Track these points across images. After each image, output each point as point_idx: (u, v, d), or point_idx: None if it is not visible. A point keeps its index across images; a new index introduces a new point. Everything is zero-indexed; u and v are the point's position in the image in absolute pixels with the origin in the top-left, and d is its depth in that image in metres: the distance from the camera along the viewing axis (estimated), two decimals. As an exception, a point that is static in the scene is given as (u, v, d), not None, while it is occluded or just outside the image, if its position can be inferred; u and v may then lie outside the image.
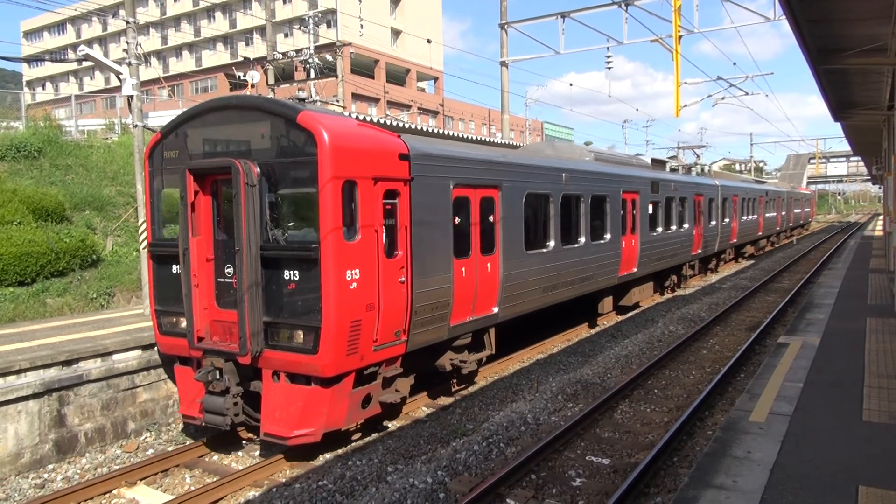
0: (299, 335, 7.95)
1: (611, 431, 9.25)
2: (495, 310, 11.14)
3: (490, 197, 10.98)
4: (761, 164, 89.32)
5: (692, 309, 18.81)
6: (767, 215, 37.07)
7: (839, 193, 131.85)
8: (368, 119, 10.92)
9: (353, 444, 9.13)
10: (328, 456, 8.70)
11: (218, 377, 8.49)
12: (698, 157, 29.85)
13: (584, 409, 9.77)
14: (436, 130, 13.19)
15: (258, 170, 8.14)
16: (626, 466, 8.00)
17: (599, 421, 9.59)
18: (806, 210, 59.85)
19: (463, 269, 10.20)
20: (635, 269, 17.20)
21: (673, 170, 25.41)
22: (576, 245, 14.02)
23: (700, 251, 23.45)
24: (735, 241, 29.39)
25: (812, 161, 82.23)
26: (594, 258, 14.73)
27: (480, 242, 10.69)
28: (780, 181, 67.99)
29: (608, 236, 15.45)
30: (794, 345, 10.81)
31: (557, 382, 11.41)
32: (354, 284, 7.96)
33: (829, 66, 13.97)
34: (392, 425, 9.83)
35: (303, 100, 9.51)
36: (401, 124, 13.38)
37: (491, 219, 11.05)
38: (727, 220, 27.37)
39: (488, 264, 10.92)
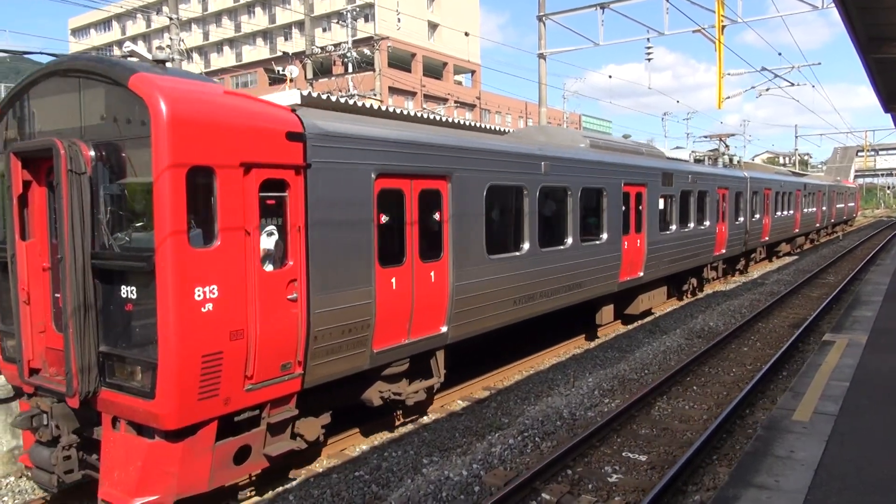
0: (137, 372, 6.12)
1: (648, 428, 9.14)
2: (443, 329, 9.09)
3: (435, 190, 8.87)
4: (806, 158, 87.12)
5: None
6: (806, 211, 34.18)
7: (888, 187, 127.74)
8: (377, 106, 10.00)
9: (389, 435, 9.20)
10: (364, 447, 8.79)
11: (44, 422, 6.71)
12: (727, 146, 26.88)
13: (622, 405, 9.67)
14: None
15: (91, 153, 6.21)
16: (664, 463, 7.90)
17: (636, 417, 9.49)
18: (850, 205, 56.07)
19: (393, 279, 8.17)
20: (641, 274, 15.00)
21: (698, 160, 23.67)
22: (560, 247, 11.90)
23: (724, 251, 21.02)
24: (767, 238, 26.65)
25: (860, 154, 79.89)
26: (586, 262, 12.59)
27: (420, 246, 8.59)
28: (825, 174, 65.99)
29: (605, 236, 13.29)
30: (840, 343, 10.52)
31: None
32: (209, 306, 6.00)
33: (879, 55, 13.53)
34: (427, 418, 9.87)
35: (162, 61, 6.81)
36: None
37: (437, 217, 8.97)
38: (757, 215, 24.68)
39: (432, 273, 8.82)
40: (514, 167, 10.51)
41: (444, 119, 11.93)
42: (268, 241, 6.67)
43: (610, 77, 69.05)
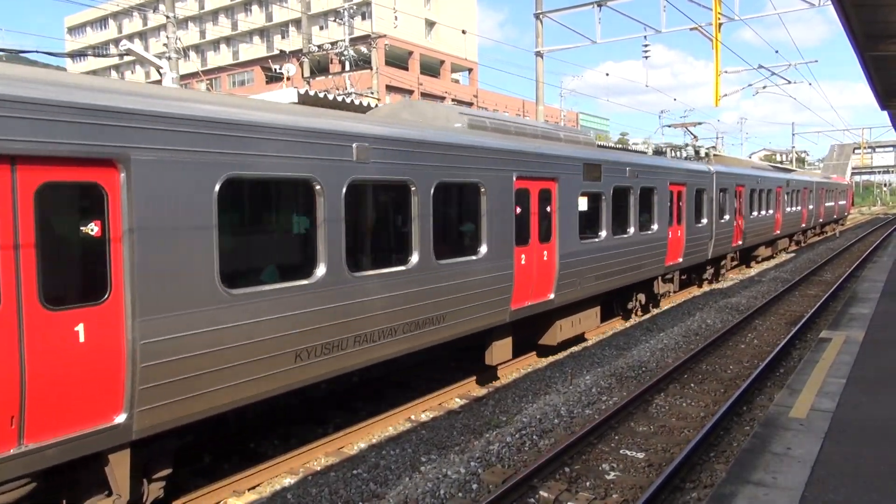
0: None
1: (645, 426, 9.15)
2: (120, 418, 5.61)
3: (93, 185, 5.46)
4: (803, 155, 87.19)
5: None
6: (789, 210, 30.91)
7: (885, 185, 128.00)
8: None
9: (387, 433, 9.19)
10: (362, 445, 8.79)
11: None
12: (694, 137, 22.87)
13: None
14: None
15: None
16: (662, 461, 7.91)
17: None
18: (841, 203, 51.75)
19: None
20: (551, 296, 11.61)
21: (658, 152, 20.70)
22: (398, 268, 8.35)
23: (681, 259, 17.81)
24: (740, 243, 23.29)
25: (857, 151, 80.00)
26: (450, 286, 9.13)
27: (36, 284, 5.13)
28: (823, 171, 66.02)
29: (483, 250, 9.85)
30: (836, 340, 10.55)
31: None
32: None
33: (876, 52, 13.58)
34: (425, 416, 9.87)
35: None
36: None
37: (95, 231, 5.49)
38: (727, 216, 21.35)
39: (82, 327, 5.38)
40: (276, 153, 6.78)
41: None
42: None
43: (607, 75, 69.10)
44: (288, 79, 29.53)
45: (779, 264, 28.24)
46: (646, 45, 26.85)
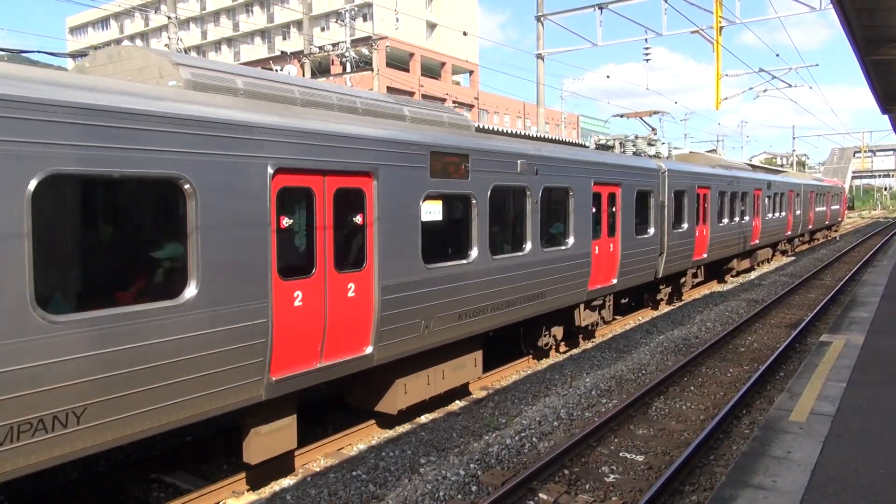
0: None
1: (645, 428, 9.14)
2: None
3: None
4: (804, 158, 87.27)
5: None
6: (771, 216, 27.35)
7: (885, 188, 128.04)
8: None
9: (387, 435, 9.19)
10: (362, 446, 8.78)
11: None
12: (653, 130, 19.55)
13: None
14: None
15: None
16: (661, 463, 7.90)
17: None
18: (834, 208, 46.57)
19: None
20: (368, 350, 7.96)
21: (602, 146, 17.31)
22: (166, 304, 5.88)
23: (615, 281, 14.03)
24: (704, 256, 19.60)
25: (857, 155, 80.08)
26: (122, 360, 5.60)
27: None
28: (823, 175, 65.94)
29: (192, 292, 6.09)
30: (836, 343, 10.54)
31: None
32: None
33: (877, 56, 13.59)
34: (425, 418, 9.87)
35: None
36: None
37: None
38: (685, 224, 17.79)
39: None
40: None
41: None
42: None
43: (608, 77, 69.17)
44: (289, 80, 29.50)
45: (779, 267, 28.22)
46: (647, 48, 26.89)
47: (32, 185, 5.02)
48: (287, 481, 7.80)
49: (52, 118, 5.10)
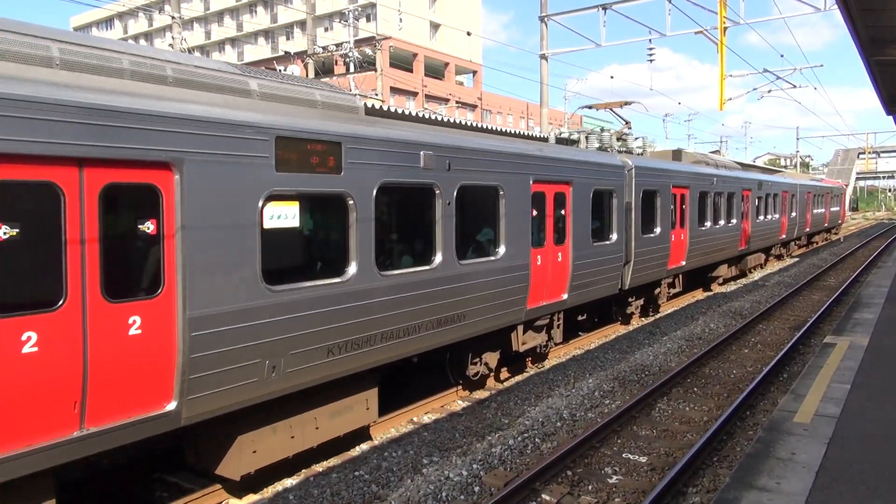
0: None
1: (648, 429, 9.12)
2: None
3: None
4: (808, 160, 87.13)
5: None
6: (762, 219, 25.35)
7: (890, 190, 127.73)
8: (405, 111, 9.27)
9: (389, 435, 9.18)
10: (364, 447, 8.78)
11: None
12: (626, 123, 17.24)
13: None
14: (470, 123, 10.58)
15: None
16: (664, 465, 7.88)
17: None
18: (834, 209, 43.56)
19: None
20: (170, 406, 5.93)
21: (564, 140, 15.51)
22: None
23: (564, 297, 11.92)
24: (682, 264, 17.60)
25: (861, 156, 79.89)
26: None
27: None
28: (828, 176, 65.73)
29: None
30: (841, 345, 10.51)
31: None
32: None
33: (882, 57, 13.55)
34: (427, 418, 9.86)
35: None
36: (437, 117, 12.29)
37: None
38: (658, 229, 15.75)
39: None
40: None
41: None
42: None
43: (612, 78, 69.21)
44: (293, 80, 29.53)
45: (782, 269, 28.16)
46: (650, 49, 26.87)
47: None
48: (290, 481, 7.80)
49: None
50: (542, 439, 8.58)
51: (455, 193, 9.12)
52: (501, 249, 10.07)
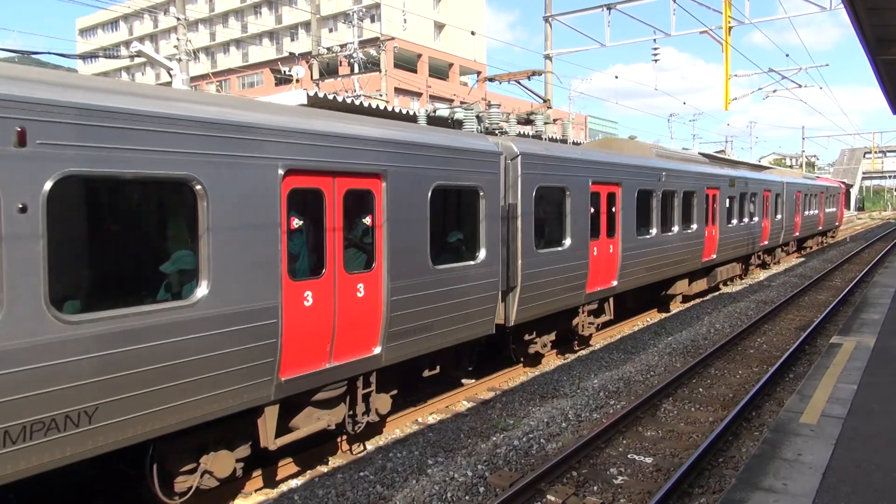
0: None
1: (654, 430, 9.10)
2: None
3: None
4: (813, 159, 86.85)
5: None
6: (736, 223, 21.38)
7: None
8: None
9: (394, 436, 9.18)
10: (369, 447, 8.78)
11: None
12: (545, 102, 15.28)
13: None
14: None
15: None
16: (670, 466, 7.86)
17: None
18: (829, 210, 38.83)
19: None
20: None
21: (438, 122, 12.49)
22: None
23: (377, 350, 7.99)
24: (613, 284, 13.64)
25: (868, 156, 79.63)
26: None
27: None
28: (833, 176, 65.43)
29: None
30: (847, 345, 10.47)
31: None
32: None
33: (888, 56, 13.49)
34: (432, 418, 9.86)
35: None
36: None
37: None
38: (567, 241, 11.88)
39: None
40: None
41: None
42: None
43: (616, 77, 69.08)
44: (297, 81, 29.66)
45: (788, 269, 28.06)
46: (655, 49, 26.83)
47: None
48: (295, 482, 7.81)
49: None
50: (547, 440, 8.57)
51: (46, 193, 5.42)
52: (201, 292, 6.02)
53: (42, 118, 5.02)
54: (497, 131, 12.29)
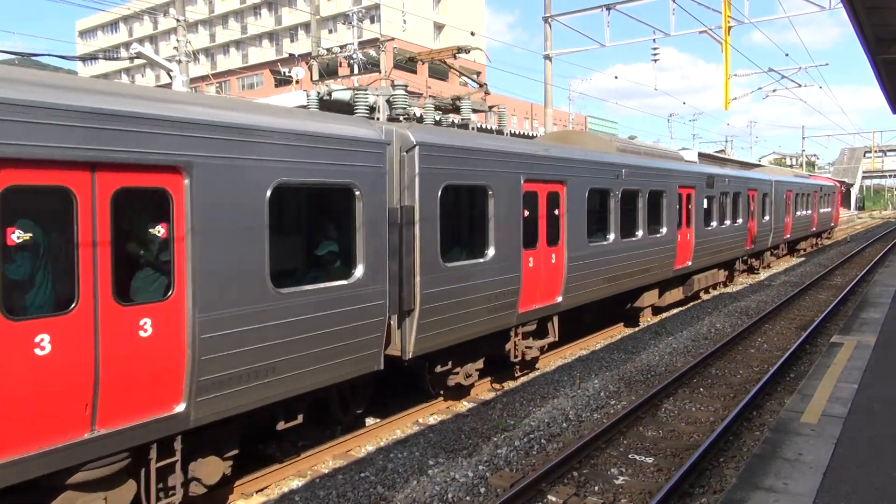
0: None
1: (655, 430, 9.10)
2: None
3: None
4: (813, 159, 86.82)
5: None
6: (716, 225, 19.20)
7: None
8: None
9: (395, 436, 9.18)
10: (370, 448, 8.78)
11: None
12: (482, 86, 14.41)
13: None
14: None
15: None
16: (671, 465, 7.86)
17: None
18: (824, 211, 36.99)
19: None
20: None
21: (340, 107, 10.30)
22: None
23: (178, 409, 5.93)
24: (558, 300, 11.58)
25: (868, 155, 79.66)
26: None
27: None
28: (834, 175, 65.38)
29: None
30: (848, 344, 10.47)
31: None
32: None
33: (888, 55, 13.48)
34: (433, 419, 9.86)
35: None
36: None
37: None
38: (490, 251, 9.87)
39: None
40: None
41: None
42: None
43: (616, 77, 69.12)
44: (297, 82, 29.69)
45: (788, 268, 28.05)
46: (655, 48, 26.84)
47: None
48: (296, 482, 7.81)
49: None
50: (547, 440, 8.57)
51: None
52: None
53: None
54: (402, 118, 10.02)
